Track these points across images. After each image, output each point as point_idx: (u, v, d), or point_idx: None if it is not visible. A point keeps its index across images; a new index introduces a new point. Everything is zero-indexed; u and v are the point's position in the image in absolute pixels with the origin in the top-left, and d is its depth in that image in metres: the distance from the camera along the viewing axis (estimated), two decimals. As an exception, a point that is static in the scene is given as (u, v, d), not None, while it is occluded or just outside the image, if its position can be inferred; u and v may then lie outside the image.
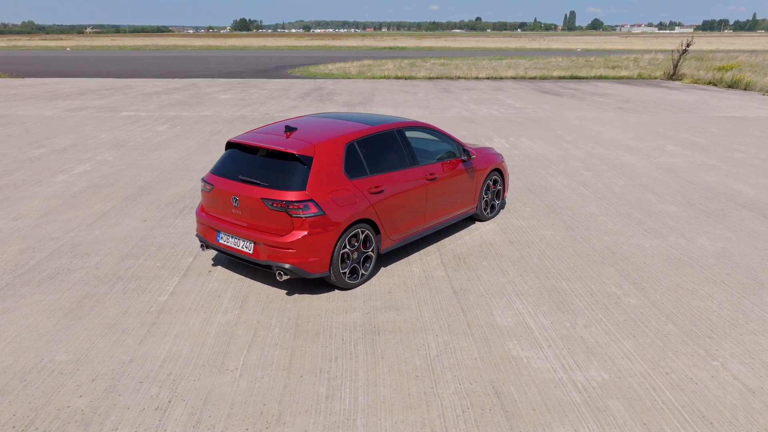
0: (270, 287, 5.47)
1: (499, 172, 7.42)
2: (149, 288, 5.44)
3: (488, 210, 7.38)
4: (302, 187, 5.01)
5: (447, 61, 41.89)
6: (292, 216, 4.95)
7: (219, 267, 5.92)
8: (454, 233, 6.96)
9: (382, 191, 5.54)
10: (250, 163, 5.35)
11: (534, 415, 3.71)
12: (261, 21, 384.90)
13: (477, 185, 6.95)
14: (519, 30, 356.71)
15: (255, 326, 4.77)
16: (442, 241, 6.71)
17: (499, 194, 7.54)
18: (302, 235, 4.97)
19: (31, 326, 4.70)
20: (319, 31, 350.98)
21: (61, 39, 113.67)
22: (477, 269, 5.92)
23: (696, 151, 11.73)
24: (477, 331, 4.71)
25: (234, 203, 5.22)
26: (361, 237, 5.43)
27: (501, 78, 30.41)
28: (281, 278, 5.12)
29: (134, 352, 4.35)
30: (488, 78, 30.42)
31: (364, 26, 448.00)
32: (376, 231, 5.60)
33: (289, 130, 5.54)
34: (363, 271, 5.53)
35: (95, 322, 4.79)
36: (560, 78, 30.37)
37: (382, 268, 5.93)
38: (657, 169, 10.18)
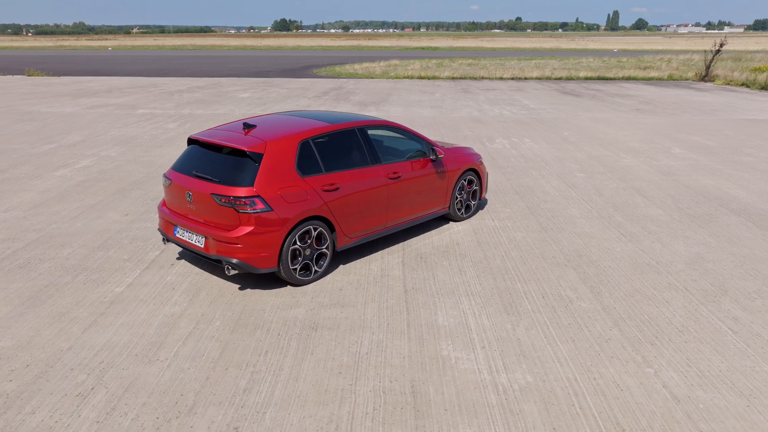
0: (225, 281, 5.56)
1: (475, 172, 7.35)
2: (110, 279, 5.60)
3: (463, 210, 7.32)
4: (250, 184, 5.08)
5: (475, 61, 41.59)
6: (239, 212, 5.03)
7: (182, 261, 6.05)
8: (423, 232, 6.94)
9: (337, 189, 5.57)
10: (206, 159, 5.45)
11: (444, 415, 3.69)
12: (301, 21, 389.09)
13: (448, 185, 6.91)
14: (560, 30, 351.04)
15: (198, 319, 4.86)
16: (409, 240, 6.70)
17: (476, 195, 7.46)
18: (249, 230, 5.04)
19: (-14, 313, 4.90)
20: (357, 31, 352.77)
21: (106, 39, 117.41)
22: (435, 269, 5.90)
23: (702, 154, 11.37)
24: (414, 330, 4.70)
25: (188, 198, 5.33)
26: (314, 234, 5.46)
27: (525, 78, 30.03)
28: (229, 272, 5.21)
29: (75, 341, 4.50)
30: (512, 78, 30.08)
31: (402, 26, 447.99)
32: (332, 228, 5.63)
33: (248, 127, 5.63)
34: (316, 268, 5.57)
35: (48, 310, 4.96)
36: (586, 79, 29.81)
37: (341, 266, 5.96)
38: (655, 172, 9.91)
